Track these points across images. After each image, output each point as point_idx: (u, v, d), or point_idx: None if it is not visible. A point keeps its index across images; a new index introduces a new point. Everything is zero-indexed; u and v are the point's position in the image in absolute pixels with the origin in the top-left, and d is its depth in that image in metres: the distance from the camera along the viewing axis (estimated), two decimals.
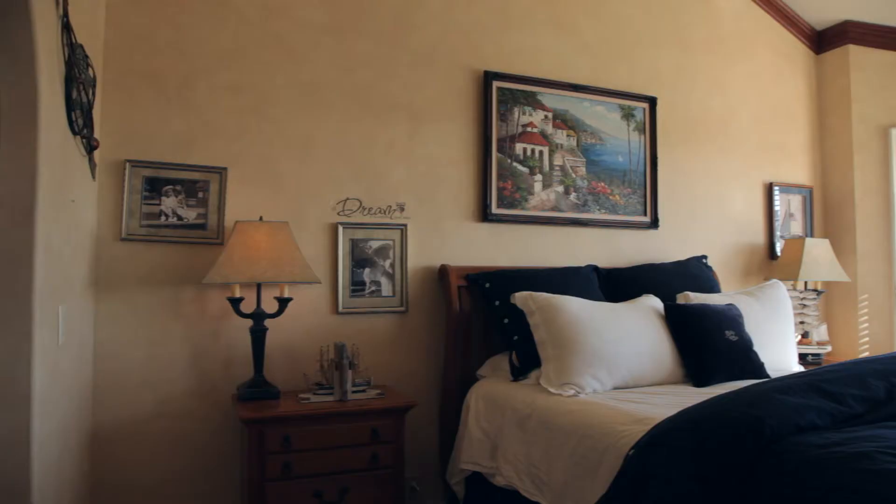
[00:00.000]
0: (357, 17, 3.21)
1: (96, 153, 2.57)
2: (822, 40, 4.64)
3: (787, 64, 4.55)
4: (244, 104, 2.98)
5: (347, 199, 3.15)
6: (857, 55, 4.47)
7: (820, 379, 1.89)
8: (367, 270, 3.14)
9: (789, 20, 4.54)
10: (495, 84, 3.42)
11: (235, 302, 2.74)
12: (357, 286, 3.12)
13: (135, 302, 2.77)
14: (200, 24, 2.92)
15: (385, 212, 3.21)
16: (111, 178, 2.75)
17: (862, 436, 1.57)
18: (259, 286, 2.77)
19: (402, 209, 3.24)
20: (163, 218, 2.82)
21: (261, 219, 2.84)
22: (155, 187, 2.81)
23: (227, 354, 2.90)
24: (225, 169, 2.92)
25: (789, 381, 1.91)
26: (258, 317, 2.76)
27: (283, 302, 2.81)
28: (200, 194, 2.89)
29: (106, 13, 2.76)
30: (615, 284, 3.34)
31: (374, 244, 3.17)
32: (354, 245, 3.13)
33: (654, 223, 3.81)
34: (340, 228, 3.10)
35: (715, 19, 4.24)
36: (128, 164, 2.76)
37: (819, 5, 4.42)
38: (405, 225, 3.22)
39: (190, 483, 2.81)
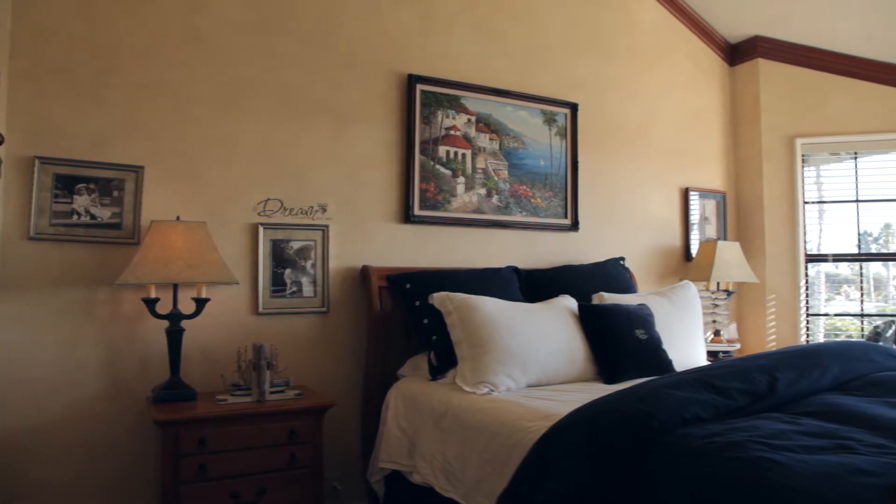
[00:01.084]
0: (282, 17, 3.20)
1: (1, 149, 2.49)
2: (736, 53, 4.88)
3: (703, 74, 4.76)
4: (163, 102, 2.93)
5: (269, 199, 3.13)
6: (767, 68, 4.72)
7: (709, 374, 2.00)
8: (288, 271, 3.14)
9: (705, 33, 4.75)
10: (419, 87, 3.46)
11: (151, 303, 2.69)
12: (278, 287, 3.11)
13: (44, 303, 2.69)
14: (117, 18, 2.86)
15: (307, 213, 3.21)
16: (19, 175, 2.66)
17: (740, 426, 1.68)
18: (175, 287, 2.73)
19: (325, 210, 3.24)
20: (75, 217, 2.75)
21: (178, 219, 2.80)
22: (67, 185, 2.74)
23: (142, 356, 2.85)
24: (141, 168, 2.86)
25: (681, 377, 2.02)
26: (174, 318, 2.72)
27: (201, 303, 2.79)
28: (115, 193, 2.83)
29: (12, 3, 2.67)
30: (535, 285, 3.43)
31: (296, 245, 3.17)
32: (275, 245, 3.12)
33: (575, 225, 3.94)
34: (261, 229, 3.08)
35: (635, 29, 4.40)
36: (37, 161, 2.68)
37: (732, 20, 4.64)
38: (327, 226, 3.23)
39: (105, 486, 2.75)
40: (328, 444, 3.01)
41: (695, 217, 4.60)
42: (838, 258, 4.72)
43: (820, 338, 4.70)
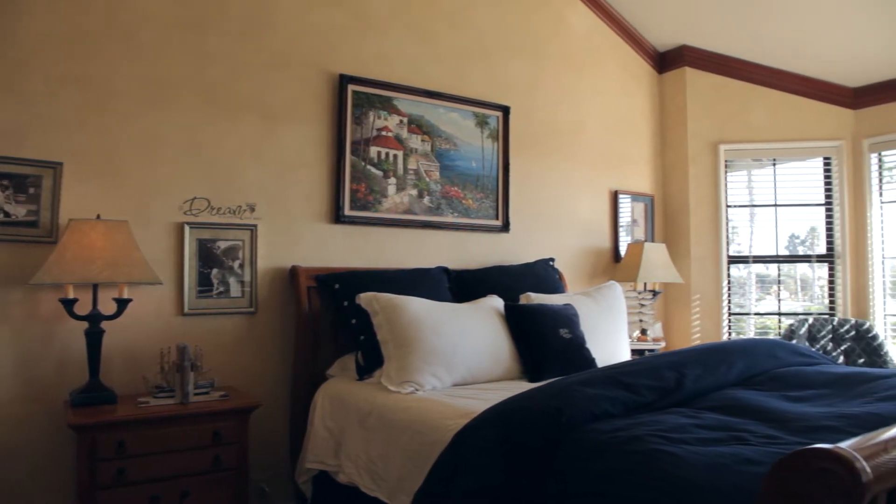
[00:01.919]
0: (210, 12, 3.16)
1: None
2: (664, 61, 5.04)
3: (633, 80, 4.90)
4: (84, 97, 2.86)
5: (195, 198, 3.09)
6: (693, 77, 4.89)
7: (620, 372, 2.08)
8: (215, 271, 3.10)
9: (635, 41, 4.90)
10: (351, 87, 3.47)
11: (69, 303, 2.62)
12: (204, 287, 3.07)
13: None
14: (35, 8, 2.77)
15: (235, 212, 3.18)
16: None
17: (645, 421, 1.75)
18: (95, 287, 2.67)
19: (253, 210, 3.22)
20: None
21: (98, 217, 2.73)
22: None
23: (60, 359, 2.77)
24: (60, 164, 2.78)
25: (594, 374, 2.09)
26: (94, 319, 2.65)
27: (122, 303, 2.73)
28: (32, 190, 2.75)
29: None
30: (465, 285, 3.48)
31: (223, 244, 3.13)
32: (202, 245, 3.08)
33: (506, 227, 4.00)
34: (187, 228, 3.04)
35: (567, 35, 4.50)
36: None
37: (661, 29, 4.80)
38: (255, 225, 3.20)
39: (18, 493, 2.66)
40: (256, 445, 2.99)
41: (624, 219, 4.73)
42: (758, 259, 4.93)
43: (751, 336, 4.90)
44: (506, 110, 4.05)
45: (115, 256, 2.62)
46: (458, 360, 2.79)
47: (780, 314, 4.92)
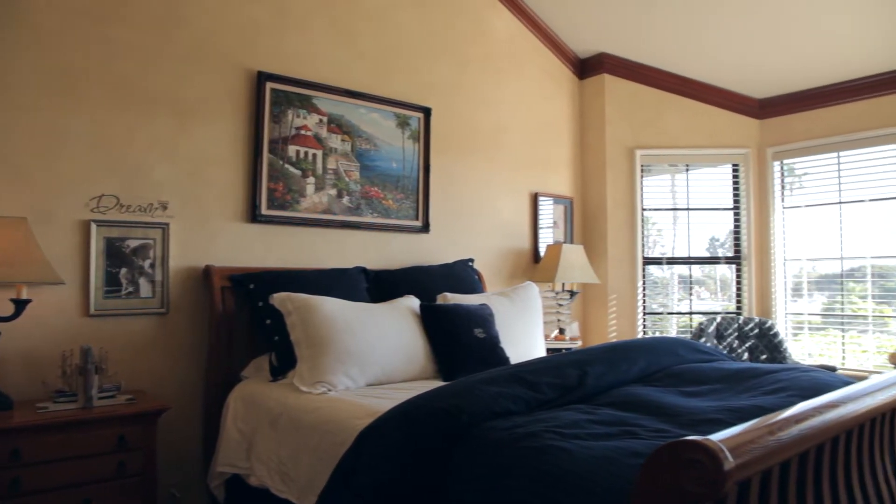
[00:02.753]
0: (118, 3, 3.05)
1: None
2: (585, 67, 5.18)
3: (554, 85, 5.02)
4: None
5: (103, 195, 2.98)
6: (611, 84, 5.05)
7: (523, 370, 2.14)
8: (124, 270, 3.00)
9: (557, 47, 5.01)
10: (269, 85, 3.42)
11: None
12: (112, 287, 2.97)
13: None
14: None
15: (146, 210, 3.09)
16: None
17: (543, 418, 1.81)
18: None
19: (165, 208, 3.13)
20: None
21: None
22: None
23: None
24: None
25: (498, 372, 2.14)
26: None
27: (21, 304, 2.61)
28: None
29: None
30: (384, 286, 3.49)
31: (133, 243, 3.03)
32: (110, 244, 2.98)
33: (426, 227, 4.03)
34: (94, 226, 2.93)
35: (490, 39, 4.57)
36: None
37: (581, 36, 4.93)
38: (167, 224, 3.12)
39: None
40: (167, 450, 2.92)
41: (543, 221, 4.84)
42: (672, 261, 5.13)
43: (673, 333, 5.09)
44: (427, 112, 4.08)
45: (12, 255, 2.51)
46: (372, 360, 2.79)
47: (691, 313, 5.14)
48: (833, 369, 4.15)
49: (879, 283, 4.55)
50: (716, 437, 1.17)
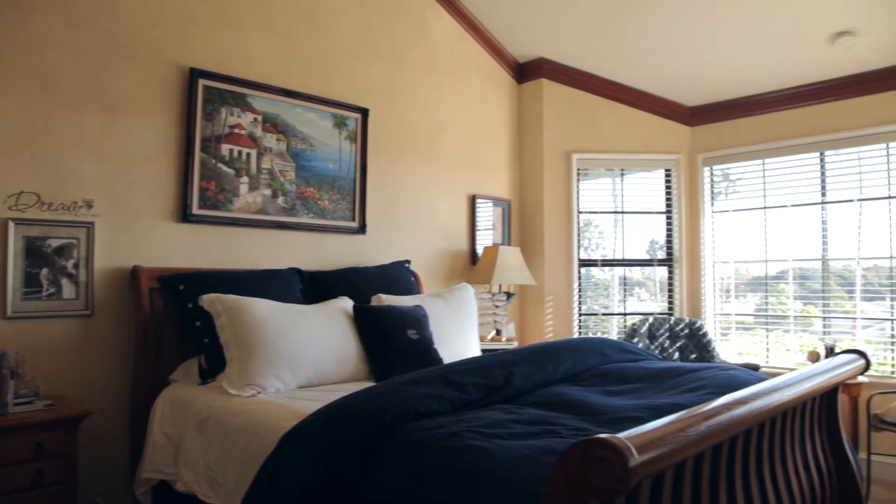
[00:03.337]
0: None
1: None
2: (524, 72, 5.25)
3: (494, 89, 5.07)
4: None
5: (22, 192, 2.87)
6: (549, 88, 5.14)
7: (450, 371, 2.16)
8: (45, 271, 2.90)
9: (496, 51, 5.07)
10: (202, 82, 3.36)
11: None
12: (32, 288, 2.86)
13: None
14: None
15: (69, 208, 2.98)
16: None
17: (467, 418, 1.83)
18: None
19: (91, 206, 3.03)
20: None
21: None
22: None
23: None
24: None
25: (425, 373, 2.15)
26: None
27: None
28: None
29: None
30: (318, 287, 3.46)
31: (55, 243, 2.93)
32: (30, 243, 2.86)
33: (362, 228, 4.02)
34: (11, 224, 2.81)
35: (430, 41, 4.58)
36: None
37: (520, 41, 5.00)
38: (93, 223, 3.02)
39: None
40: (91, 457, 2.84)
41: (481, 223, 4.88)
42: (606, 263, 5.25)
43: (613, 334, 5.21)
44: (365, 112, 4.07)
45: None
46: (304, 362, 2.77)
47: (625, 314, 5.27)
48: (756, 367, 4.33)
49: (806, 285, 4.77)
50: (624, 434, 1.21)
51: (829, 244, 4.65)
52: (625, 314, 5.26)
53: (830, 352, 4.23)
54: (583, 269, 5.21)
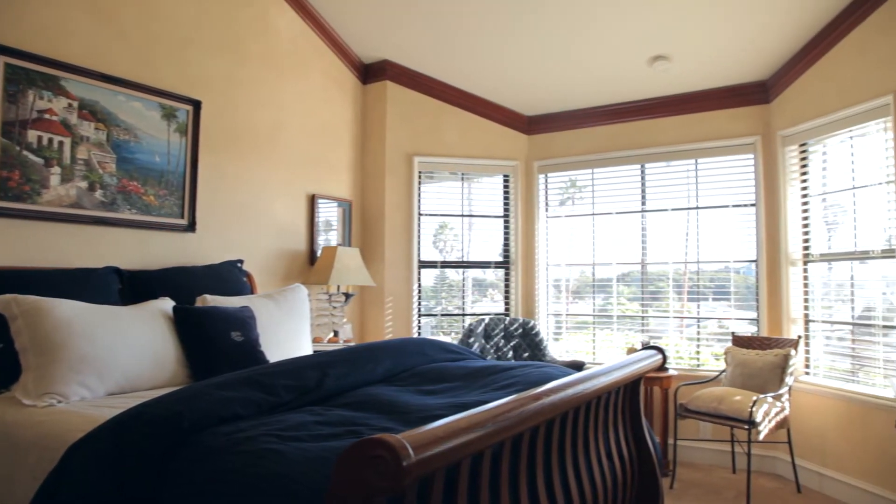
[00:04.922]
0: None
1: None
2: (368, 73, 5.27)
3: (337, 88, 5.04)
4: None
5: None
6: (393, 91, 5.19)
7: (259, 373, 2.12)
8: None
9: (341, 50, 5.04)
10: (4, 59, 3.05)
11: None
12: None
13: None
14: None
15: None
16: None
17: (270, 421, 1.81)
18: None
19: None
20: None
21: None
22: None
23: None
24: None
25: (233, 376, 2.10)
26: None
27: None
28: None
29: None
30: (139, 288, 3.26)
31: None
32: None
33: (192, 226, 3.84)
34: None
35: (272, 36, 4.47)
36: None
37: (365, 42, 5.00)
38: None
39: None
40: None
41: (323, 223, 4.84)
42: (446, 265, 5.39)
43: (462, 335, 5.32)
44: (197, 105, 3.89)
45: None
46: (114, 368, 2.60)
47: (463, 314, 5.43)
48: (581, 364, 4.62)
49: (635, 286, 5.18)
50: (404, 433, 1.25)
51: (647, 249, 5.08)
52: (463, 314, 5.43)
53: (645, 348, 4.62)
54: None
